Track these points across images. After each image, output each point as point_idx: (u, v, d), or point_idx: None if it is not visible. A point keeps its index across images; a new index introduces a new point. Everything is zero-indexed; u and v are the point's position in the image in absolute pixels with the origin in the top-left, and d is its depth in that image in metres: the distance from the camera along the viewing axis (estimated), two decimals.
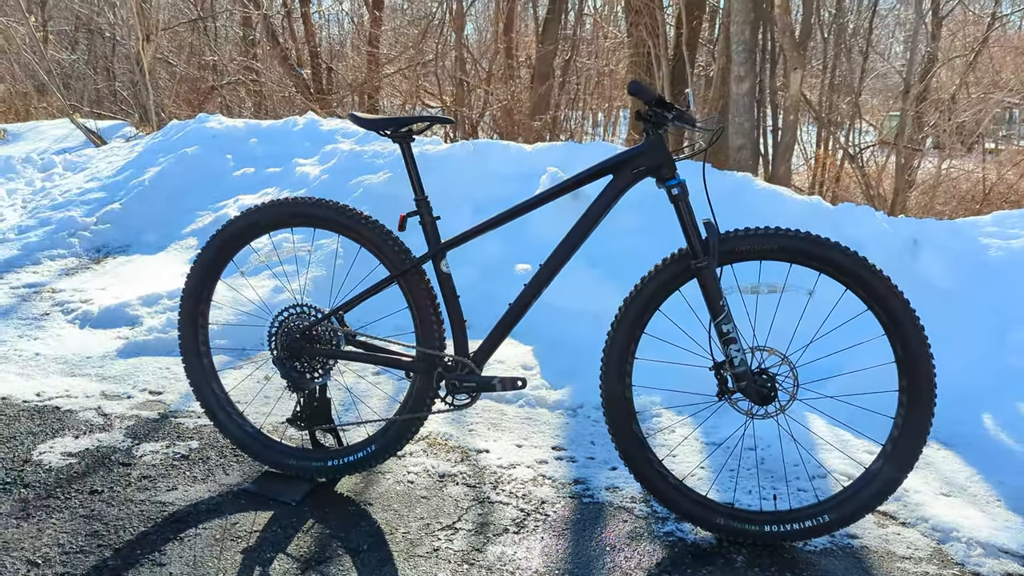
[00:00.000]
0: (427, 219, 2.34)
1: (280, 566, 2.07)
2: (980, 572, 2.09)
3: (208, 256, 2.49)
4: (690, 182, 2.15)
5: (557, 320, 3.72)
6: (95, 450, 2.69)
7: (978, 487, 2.51)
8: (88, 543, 2.15)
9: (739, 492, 2.48)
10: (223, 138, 6.40)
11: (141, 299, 4.16)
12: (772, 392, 2.12)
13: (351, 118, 2.39)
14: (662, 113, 2.10)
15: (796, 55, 6.75)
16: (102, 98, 17.00)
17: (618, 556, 2.14)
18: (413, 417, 2.39)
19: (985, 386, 3.05)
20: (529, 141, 9.39)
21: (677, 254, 2.14)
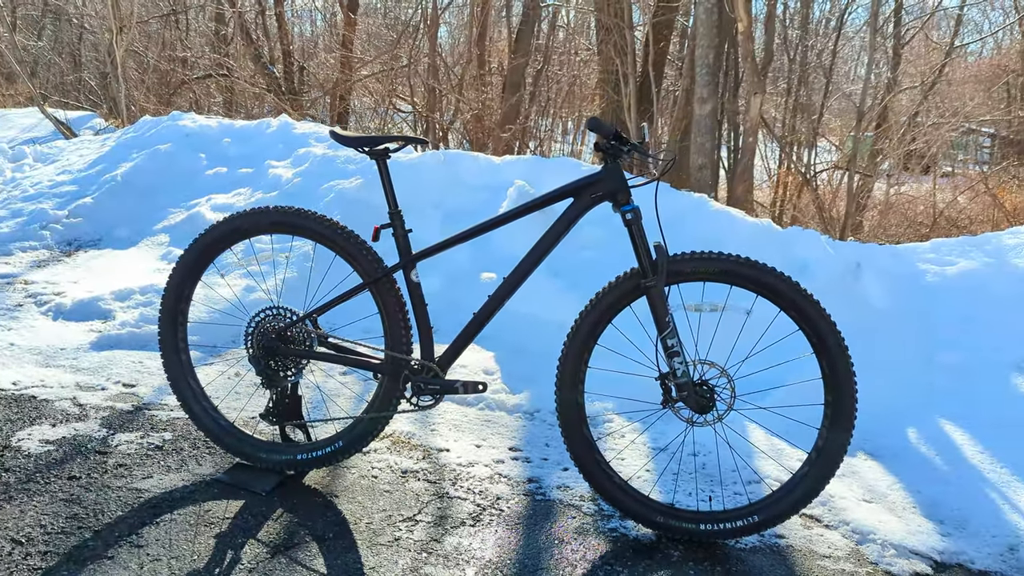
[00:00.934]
0: (400, 231, 2.50)
1: (251, 550, 2.22)
2: (891, 571, 2.30)
3: (191, 257, 2.63)
4: (647, 205, 2.34)
5: (519, 328, 3.90)
6: (72, 438, 2.81)
7: (897, 495, 2.74)
8: (69, 525, 2.28)
9: (680, 494, 2.68)
10: (196, 137, 6.51)
11: (114, 294, 4.27)
12: (711, 402, 2.32)
13: (331, 135, 2.55)
14: (618, 146, 2.30)
15: (757, 80, 7.02)
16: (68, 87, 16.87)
17: (565, 549, 2.32)
18: (379, 416, 2.56)
19: (912, 402, 3.29)
20: (498, 151, 9.57)
21: (629, 273, 2.34)
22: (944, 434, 3.11)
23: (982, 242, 4.43)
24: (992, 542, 2.46)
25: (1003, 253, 4.27)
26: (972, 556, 2.39)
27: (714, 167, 7.39)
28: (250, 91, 13.72)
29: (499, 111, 11.35)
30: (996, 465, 2.91)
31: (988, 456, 2.96)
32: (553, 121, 15.90)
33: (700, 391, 2.32)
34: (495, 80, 13.13)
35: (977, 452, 2.99)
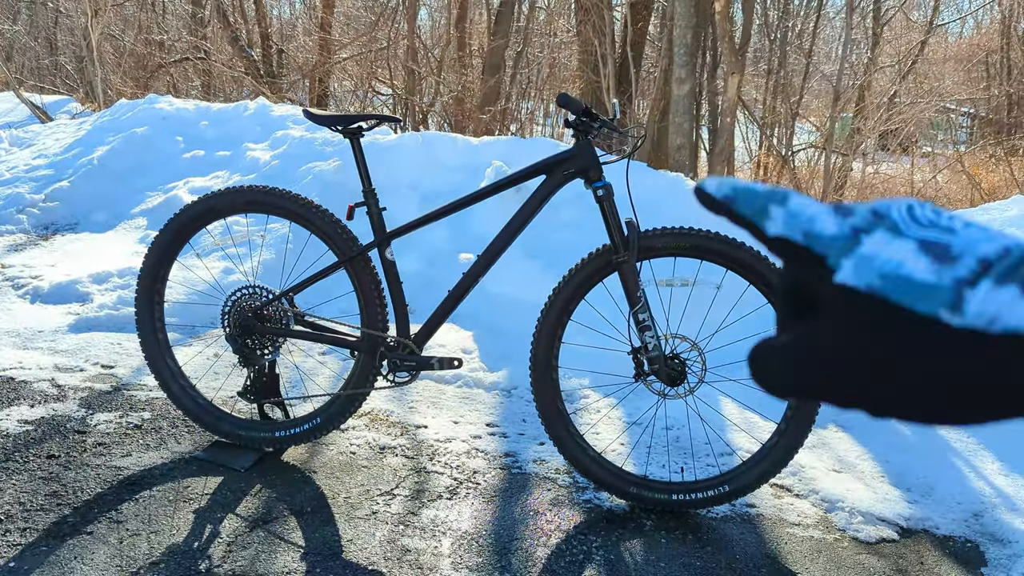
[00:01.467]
0: (374, 210, 2.52)
1: (230, 524, 2.25)
2: (858, 537, 2.36)
3: (166, 238, 2.64)
4: (620, 182, 2.37)
5: (496, 307, 3.94)
6: (51, 418, 2.83)
7: (866, 464, 2.80)
8: (48, 502, 2.30)
9: (653, 466, 2.73)
10: (173, 120, 6.47)
11: (91, 277, 4.27)
12: (682, 375, 2.36)
13: (304, 114, 2.56)
14: (588, 122, 2.32)
15: (734, 60, 7.06)
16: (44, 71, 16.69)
17: (540, 520, 2.37)
18: (356, 393, 2.58)
19: None
20: (478, 133, 9.57)
21: (601, 249, 2.37)
22: None
23: None
24: (957, 508, 2.52)
25: None
26: (937, 522, 2.45)
27: (693, 147, 7.43)
28: (228, 75, 13.63)
29: (479, 93, 11.33)
30: (962, 435, 2.97)
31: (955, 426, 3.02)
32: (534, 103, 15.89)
33: (671, 364, 2.36)
34: (475, 62, 13.11)
35: None
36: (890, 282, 0.35)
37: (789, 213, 0.39)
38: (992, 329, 0.32)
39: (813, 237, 0.38)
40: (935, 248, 0.35)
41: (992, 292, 0.33)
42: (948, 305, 0.33)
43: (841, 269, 0.37)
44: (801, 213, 0.39)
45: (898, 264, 0.35)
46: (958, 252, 0.34)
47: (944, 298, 0.33)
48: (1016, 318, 0.32)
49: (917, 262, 0.34)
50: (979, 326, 0.33)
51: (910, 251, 0.35)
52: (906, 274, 0.34)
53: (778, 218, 0.39)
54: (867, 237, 0.36)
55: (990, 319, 0.32)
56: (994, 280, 0.33)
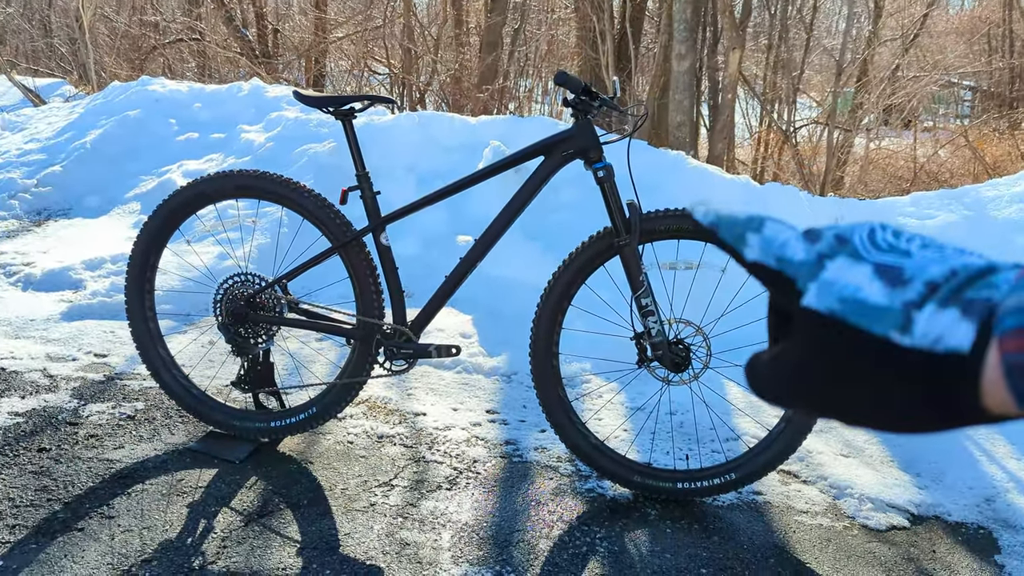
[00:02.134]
0: (368, 194, 2.45)
1: (224, 519, 2.20)
2: (868, 524, 2.31)
3: (155, 224, 2.57)
4: (621, 162, 2.30)
5: (496, 291, 3.87)
6: (42, 410, 2.77)
7: (874, 449, 2.74)
8: (38, 497, 2.25)
9: (657, 453, 2.67)
10: (166, 102, 6.38)
11: (84, 263, 4.20)
12: (686, 361, 2.30)
13: (295, 95, 2.48)
14: (588, 101, 2.24)
15: (735, 35, 6.94)
16: (38, 53, 16.54)
17: (542, 510, 2.31)
18: (353, 381, 2.52)
19: None
20: (476, 112, 9.46)
21: (601, 232, 2.30)
22: None
23: (961, 195, 4.43)
24: (969, 494, 2.47)
25: (982, 205, 4.26)
26: (949, 508, 2.39)
27: (693, 125, 7.33)
28: (223, 56, 13.48)
29: (477, 72, 11.20)
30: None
31: None
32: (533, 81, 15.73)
33: (675, 350, 2.29)
34: (472, 40, 12.95)
35: None
36: (848, 305, 0.38)
37: (763, 240, 0.42)
38: (936, 348, 0.35)
39: (784, 262, 0.41)
40: (889, 272, 0.38)
41: (936, 314, 0.35)
42: (898, 327, 0.36)
43: (807, 292, 0.40)
44: (774, 240, 0.42)
45: (855, 289, 0.38)
46: (909, 276, 0.37)
47: (895, 320, 0.36)
48: (955, 338, 0.35)
49: (872, 286, 0.37)
50: (924, 345, 0.35)
51: (866, 276, 0.38)
52: (862, 298, 0.37)
53: (754, 245, 0.43)
54: (830, 262, 0.39)
55: (934, 339, 0.35)
56: (937, 303, 0.36)
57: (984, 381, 0.34)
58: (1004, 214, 4.18)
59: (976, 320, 0.34)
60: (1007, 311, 0.33)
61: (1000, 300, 0.34)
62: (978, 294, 0.35)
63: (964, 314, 0.35)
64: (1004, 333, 0.33)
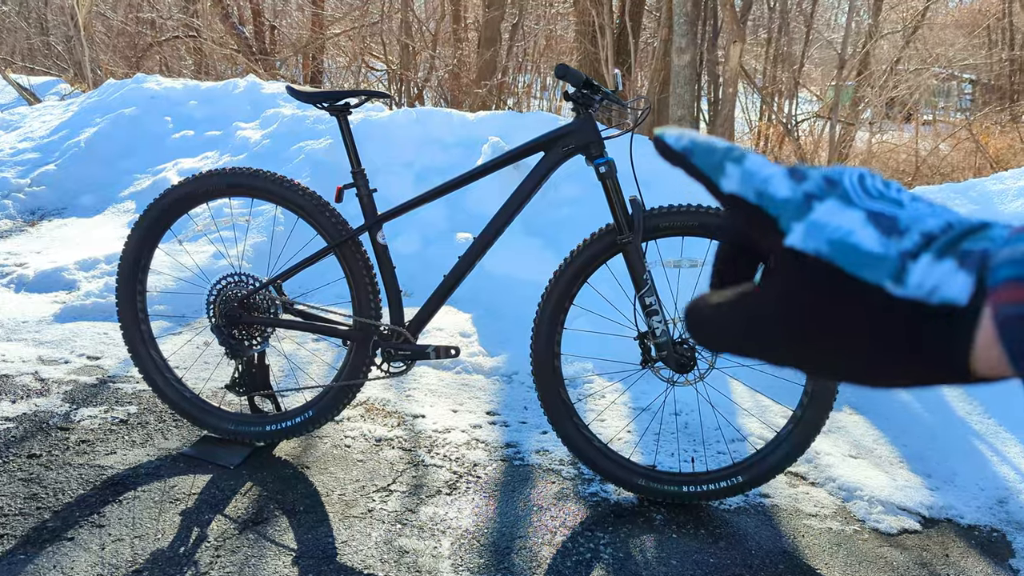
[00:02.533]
0: (363, 191, 2.39)
1: (218, 527, 2.14)
2: (879, 528, 2.25)
3: (145, 225, 2.51)
4: (622, 157, 2.24)
5: (496, 288, 3.81)
6: (33, 415, 2.71)
7: (883, 449, 2.68)
8: (27, 506, 2.19)
9: (662, 455, 2.61)
10: (161, 100, 6.31)
11: (78, 263, 4.14)
12: (692, 361, 2.24)
13: (288, 91, 2.42)
14: (590, 95, 2.18)
15: (736, 28, 6.87)
16: (35, 52, 16.46)
17: (544, 516, 2.25)
18: (350, 384, 2.46)
19: None
20: (474, 107, 9.39)
21: (604, 229, 2.24)
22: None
23: (967, 188, 4.36)
24: (981, 495, 2.41)
25: (988, 199, 4.20)
26: (961, 510, 2.34)
27: (694, 119, 7.26)
28: (220, 53, 13.39)
29: (475, 67, 11.13)
30: (983, 416, 2.86)
31: (975, 406, 2.91)
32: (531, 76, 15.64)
33: (680, 350, 2.23)
34: (471, 35, 12.87)
35: (963, 403, 2.93)
36: (838, 249, 0.36)
37: (744, 172, 0.39)
38: (930, 300, 0.34)
39: (766, 198, 0.39)
40: (883, 220, 0.36)
41: (932, 265, 0.34)
42: (892, 275, 0.34)
43: (792, 232, 0.37)
44: (756, 173, 0.39)
45: (848, 232, 0.36)
46: (904, 226, 0.35)
47: (889, 268, 0.35)
48: (952, 289, 0.33)
49: (865, 232, 0.36)
50: (919, 296, 0.34)
51: (859, 221, 0.36)
52: (854, 242, 0.36)
53: (733, 175, 0.40)
54: (819, 204, 0.37)
55: (929, 290, 0.34)
56: (934, 254, 0.34)
57: (978, 335, 0.33)
58: (1011, 208, 4.12)
59: (974, 271, 0.33)
60: (1001, 261, 0.32)
61: (994, 251, 0.33)
62: (975, 245, 0.34)
63: (961, 265, 0.34)
64: (998, 284, 0.32)
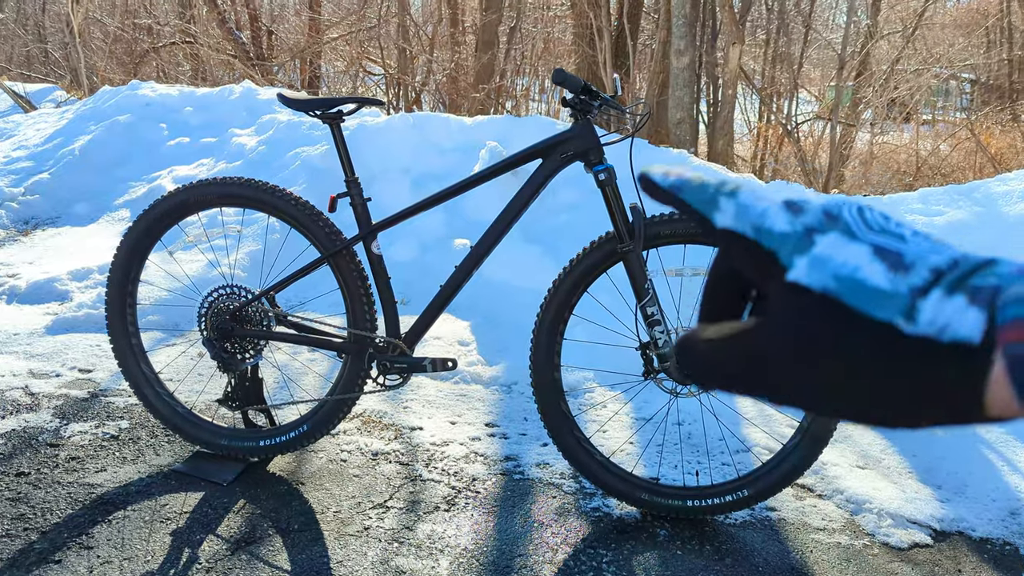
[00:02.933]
0: (357, 200, 2.33)
1: (209, 547, 2.08)
2: (889, 542, 2.19)
3: (134, 236, 2.45)
4: (622, 163, 2.18)
5: (494, 296, 3.75)
6: (22, 431, 2.65)
7: (892, 459, 2.62)
8: (14, 526, 2.13)
9: (665, 467, 2.55)
10: (156, 106, 6.26)
11: (71, 274, 4.08)
12: None
13: (279, 98, 2.36)
14: (588, 100, 2.13)
15: (735, 30, 6.82)
16: (32, 59, 16.44)
17: (545, 532, 2.19)
18: (345, 398, 2.41)
19: None
20: (472, 111, 9.34)
21: (604, 238, 2.18)
22: None
23: (970, 190, 4.31)
24: (993, 507, 2.35)
25: (992, 201, 4.14)
26: (972, 523, 2.27)
27: (693, 121, 7.20)
28: (217, 59, 13.34)
29: (473, 71, 11.07)
30: (993, 425, 2.79)
31: None
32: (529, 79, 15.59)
33: None
34: (468, 39, 12.82)
35: None
36: (846, 285, 0.35)
37: (739, 206, 0.38)
38: (942, 338, 0.33)
39: (763, 232, 0.38)
40: (889, 255, 0.35)
41: (942, 302, 0.33)
42: (903, 313, 0.34)
43: (794, 267, 0.37)
44: (752, 207, 0.38)
45: (854, 268, 0.35)
46: (911, 261, 0.35)
47: (900, 305, 0.34)
48: (964, 328, 0.32)
49: (872, 267, 0.35)
50: (930, 334, 0.33)
51: (865, 256, 0.35)
52: (862, 279, 0.35)
53: (727, 210, 0.39)
54: (821, 237, 0.36)
55: (941, 328, 0.33)
56: (944, 290, 0.33)
57: (993, 374, 0.32)
58: (1016, 210, 4.06)
59: (985, 308, 0.32)
60: (1010, 299, 0.31)
61: (1004, 288, 0.32)
62: (984, 281, 0.33)
63: (972, 302, 0.32)
64: (1007, 322, 0.31)
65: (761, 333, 0.37)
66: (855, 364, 0.34)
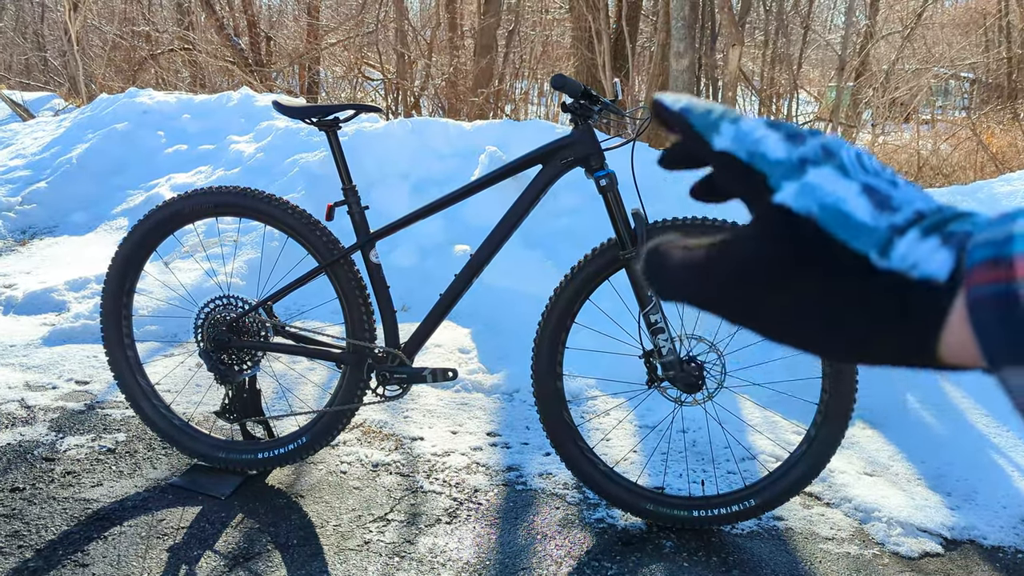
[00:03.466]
0: (355, 209, 2.30)
1: (207, 564, 2.04)
2: (899, 552, 2.15)
3: (129, 247, 2.42)
4: (623, 168, 2.14)
5: (495, 302, 3.72)
6: (17, 445, 2.61)
7: (900, 466, 2.58)
8: (8, 544, 2.09)
9: (670, 476, 2.51)
10: (154, 114, 6.23)
11: (68, 284, 4.05)
12: (700, 380, 2.14)
13: (275, 105, 2.33)
14: (588, 105, 2.09)
15: (735, 31, 6.79)
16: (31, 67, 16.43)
17: (549, 545, 2.15)
18: (344, 409, 2.37)
19: None
20: (471, 115, 9.31)
21: (606, 244, 2.14)
22: (946, 398, 2.95)
23: (974, 190, 4.27)
24: (1004, 514, 2.31)
25: (996, 202, 4.11)
26: (984, 531, 2.23)
27: None
28: (215, 65, 13.32)
29: (472, 75, 11.05)
30: (1001, 428, 2.76)
31: (992, 419, 2.81)
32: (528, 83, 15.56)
33: (688, 369, 2.14)
34: (467, 43, 12.79)
35: (981, 415, 2.83)
36: (829, 213, 0.36)
37: (739, 130, 0.39)
38: (911, 273, 0.34)
39: (758, 156, 0.39)
40: (877, 194, 0.36)
41: (917, 241, 0.34)
42: (879, 247, 0.35)
43: (782, 190, 0.37)
44: (751, 133, 0.39)
45: (841, 199, 0.36)
46: (897, 204, 0.36)
47: (877, 239, 0.35)
48: (932, 265, 0.33)
49: (858, 201, 0.36)
50: (901, 269, 0.34)
51: (854, 190, 0.36)
52: (846, 210, 0.36)
53: (727, 133, 0.40)
54: (814, 168, 0.37)
55: (911, 264, 0.34)
56: (921, 231, 0.34)
57: (951, 315, 0.33)
58: None
59: (955, 250, 0.33)
60: (977, 243, 0.32)
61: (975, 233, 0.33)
62: (960, 227, 0.34)
63: (944, 243, 0.34)
64: (973, 264, 0.32)
65: (738, 246, 0.38)
66: (822, 288, 0.36)
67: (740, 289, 0.38)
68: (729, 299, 0.38)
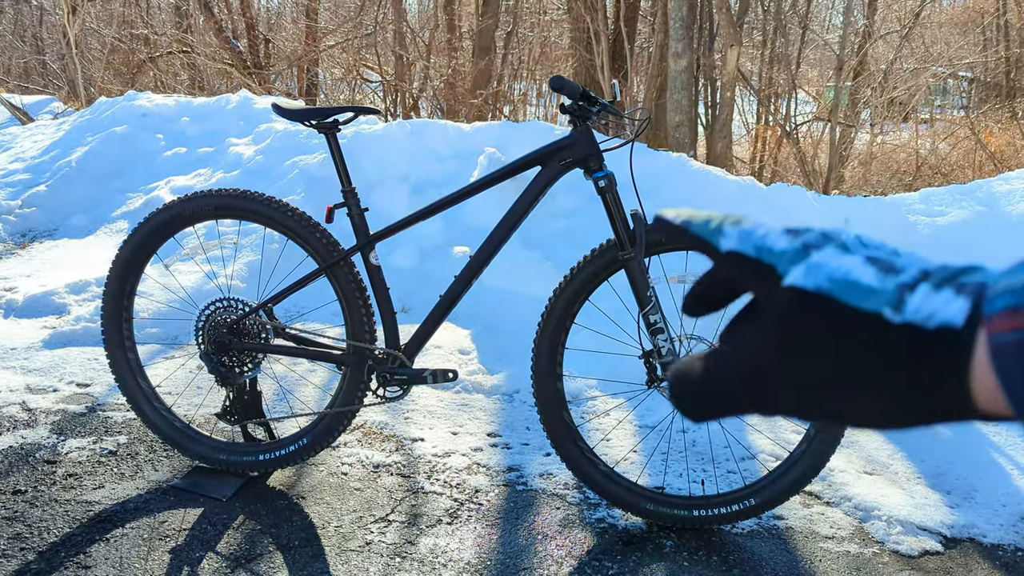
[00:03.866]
0: (355, 211, 2.30)
1: (209, 565, 2.04)
2: (899, 550, 2.16)
3: (129, 250, 2.42)
4: (622, 169, 2.15)
5: (495, 303, 3.72)
6: (19, 447, 2.62)
7: (900, 465, 2.59)
8: (10, 546, 2.10)
9: (670, 475, 2.52)
10: (153, 117, 6.24)
11: (68, 287, 4.05)
12: None
13: (274, 108, 2.34)
14: (587, 107, 2.10)
15: (732, 31, 6.80)
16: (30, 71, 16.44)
17: (550, 545, 2.16)
18: (344, 410, 2.37)
19: None
20: (470, 117, 9.32)
21: (604, 245, 2.15)
22: None
23: (973, 189, 4.28)
24: (1003, 512, 2.32)
25: (995, 200, 4.11)
26: (983, 529, 2.24)
27: (692, 124, 7.18)
28: (214, 68, 13.33)
29: (470, 76, 11.06)
30: (999, 428, 2.76)
31: None
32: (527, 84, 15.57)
33: None
34: (465, 44, 12.80)
35: None
36: (838, 284, 0.37)
37: (743, 231, 0.41)
38: (928, 324, 0.34)
39: (764, 250, 0.40)
40: (881, 263, 0.37)
41: (929, 293, 0.35)
42: (891, 304, 0.35)
43: (790, 274, 0.39)
44: (754, 231, 0.41)
45: (847, 271, 0.37)
46: (902, 266, 0.37)
47: (887, 298, 0.36)
48: (949, 313, 0.34)
49: (864, 270, 0.37)
50: (916, 320, 0.34)
51: (857, 262, 0.38)
52: (854, 279, 0.37)
53: (732, 235, 0.42)
54: (817, 251, 0.39)
55: (927, 315, 0.34)
56: (932, 284, 0.35)
57: (974, 363, 0.33)
58: (1019, 209, 4.03)
59: (971, 297, 0.34)
60: (997, 292, 0.33)
61: (991, 283, 0.33)
62: (972, 279, 0.35)
63: (958, 293, 0.34)
64: (993, 313, 0.32)
65: (756, 341, 0.39)
66: (846, 357, 0.36)
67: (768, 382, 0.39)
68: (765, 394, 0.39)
